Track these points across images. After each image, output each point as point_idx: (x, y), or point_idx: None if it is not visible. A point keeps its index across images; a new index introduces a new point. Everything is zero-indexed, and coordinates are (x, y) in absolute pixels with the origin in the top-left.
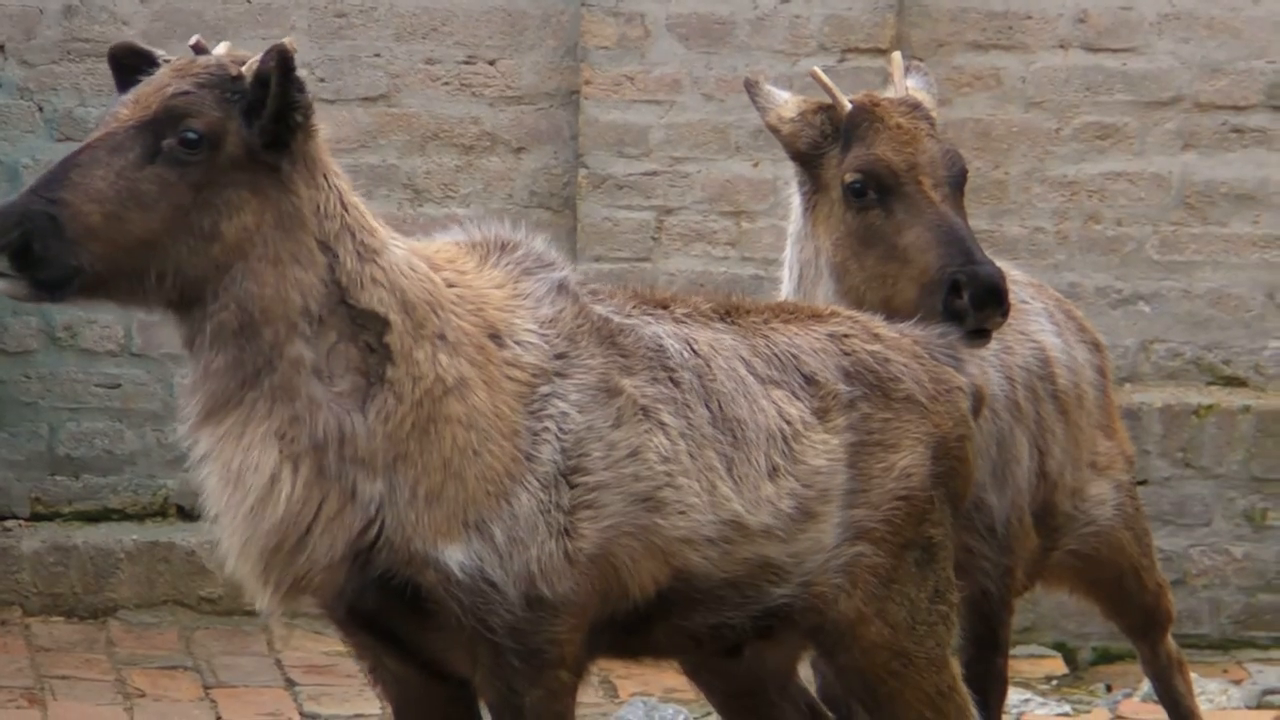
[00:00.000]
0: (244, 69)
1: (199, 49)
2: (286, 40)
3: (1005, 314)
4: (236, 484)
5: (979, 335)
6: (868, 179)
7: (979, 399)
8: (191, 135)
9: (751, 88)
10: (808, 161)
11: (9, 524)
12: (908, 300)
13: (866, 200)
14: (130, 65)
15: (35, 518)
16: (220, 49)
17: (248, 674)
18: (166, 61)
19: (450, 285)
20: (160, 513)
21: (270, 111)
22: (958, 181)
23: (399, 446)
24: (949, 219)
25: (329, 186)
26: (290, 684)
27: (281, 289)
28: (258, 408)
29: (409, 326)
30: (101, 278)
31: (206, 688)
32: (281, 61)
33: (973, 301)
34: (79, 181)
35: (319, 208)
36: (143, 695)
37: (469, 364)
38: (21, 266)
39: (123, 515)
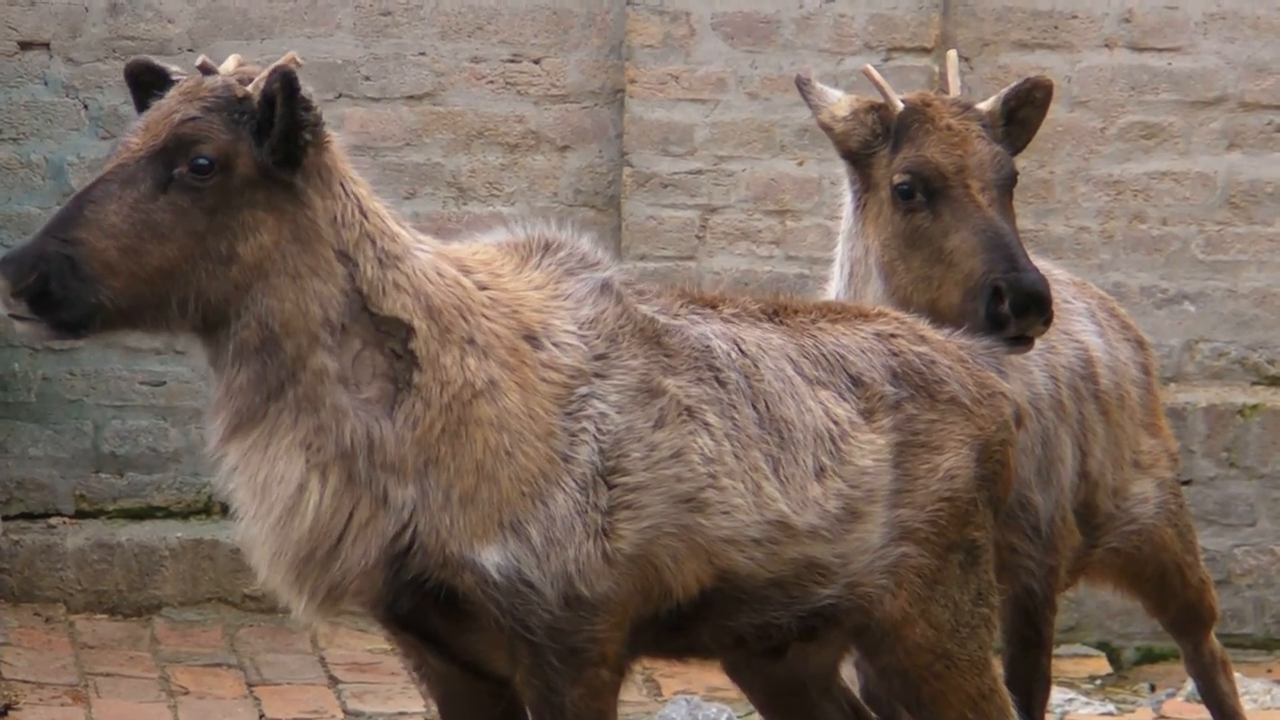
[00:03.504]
0: (250, 88)
1: (206, 69)
2: (288, 57)
3: (1048, 322)
4: (263, 495)
5: (1021, 342)
6: (916, 180)
7: (1018, 413)
8: (202, 161)
9: (803, 85)
10: (859, 160)
11: (53, 521)
12: (952, 304)
13: (914, 202)
14: (147, 82)
15: (79, 515)
16: (229, 64)
17: (291, 671)
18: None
19: (483, 288)
20: (204, 510)
21: (278, 133)
22: (1006, 184)
23: (429, 451)
24: (995, 224)
25: (346, 195)
26: (334, 681)
27: (301, 302)
28: (282, 419)
29: (435, 332)
30: (123, 312)
31: (250, 685)
32: (285, 83)
33: (1014, 309)
34: (93, 218)
35: (336, 218)
36: (186, 693)
37: (500, 367)
38: (41, 309)
39: (166, 513)
